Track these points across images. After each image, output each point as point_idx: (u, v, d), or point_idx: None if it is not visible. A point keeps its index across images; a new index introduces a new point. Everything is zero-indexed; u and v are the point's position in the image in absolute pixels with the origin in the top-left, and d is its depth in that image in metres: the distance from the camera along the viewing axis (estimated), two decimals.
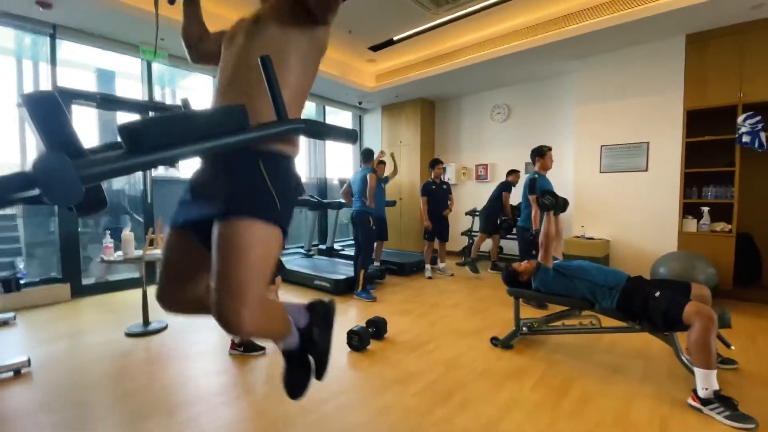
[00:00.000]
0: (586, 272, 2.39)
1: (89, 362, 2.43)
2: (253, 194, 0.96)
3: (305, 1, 1.01)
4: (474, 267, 4.94)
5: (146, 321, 2.98)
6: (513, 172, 5.12)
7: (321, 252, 5.95)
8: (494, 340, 2.68)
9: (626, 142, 4.49)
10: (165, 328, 2.99)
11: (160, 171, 4.88)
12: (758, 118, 3.60)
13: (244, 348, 2.51)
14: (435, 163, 5.02)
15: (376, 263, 4.93)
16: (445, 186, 5.08)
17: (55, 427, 1.74)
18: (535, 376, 2.22)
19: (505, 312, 3.37)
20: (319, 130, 0.98)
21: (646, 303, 2.10)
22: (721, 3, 3.36)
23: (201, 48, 1.33)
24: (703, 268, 3.65)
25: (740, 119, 3.70)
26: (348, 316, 3.37)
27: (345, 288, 4.08)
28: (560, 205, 2.69)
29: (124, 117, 4.58)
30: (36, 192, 0.69)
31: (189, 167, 1.14)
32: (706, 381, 1.84)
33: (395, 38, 4.89)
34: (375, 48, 5.24)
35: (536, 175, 3.51)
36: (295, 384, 1.23)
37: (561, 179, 4.93)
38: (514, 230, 4.37)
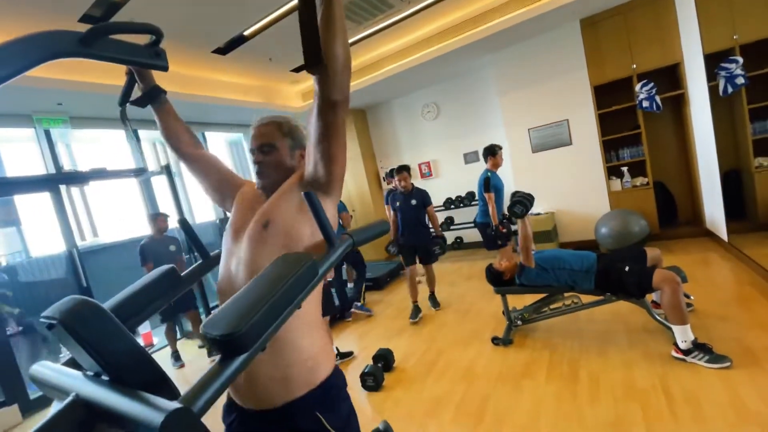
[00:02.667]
0: (563, 261, 2.62)
1: None
2: None
3: (314, 177, 0.94)
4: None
5: None
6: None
7: None
8: (495, 340, 2.83)
9: (549, 122, 4.94)
10: None
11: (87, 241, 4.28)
12: (651, 84, 4.18)
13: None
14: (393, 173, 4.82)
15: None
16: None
17: None
18: (544, 366, 2.40)
19: (490, 306, 3.56)
20: (364, 238, 0.97)
21: (620, 278, 2.38)
22: None
23: (187, 152, 1.21)
24: (636, 220, 4.19)
25: (637, 87, 4.27)
26: (349, 350, 3.31)
27: (332, 320, 4.00)
28: (530, 207, 2.80)
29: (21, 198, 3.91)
30: None
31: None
32: (684, 334, 2.15)
33: None
34: (297, 69, 5.10)
35: (489, 174, 3.72)
36: None
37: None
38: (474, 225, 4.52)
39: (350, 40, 4.47)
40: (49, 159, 3.91)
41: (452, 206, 6.03)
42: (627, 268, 2.37)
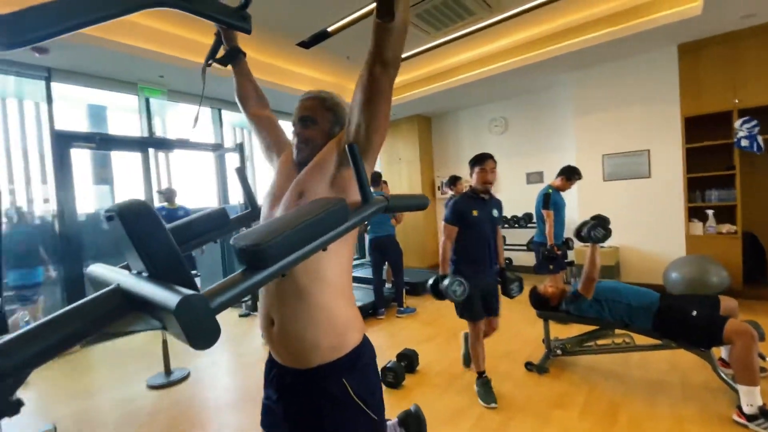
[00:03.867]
0: (620, 294, 2.40)
1: (116, 424, 2.32)
2: (354, 426, 0.92)
3: (355, 137, 0.94)
4: None
5: (168, 370, 2.87)
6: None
7: None
8: (529, 366, 2.66)
9: (627, 150, 4.58)
10: (188, 376, 2.89)
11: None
12: (755, 122, 3.71)
13: None
14: (457, 179, 4.69)
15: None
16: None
17: None
18: (579, 401, 2.21)
19: (529, 329, 3.36)
20: (399, 204, 0.97)
21: (684, 322, 2.12)
22: (711, 16, 3.48)
23: (254, 111, 1.31)
24: (716, 270, 3.71)
25: (737, 124, 3.81)
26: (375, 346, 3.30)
27: (364, 314, 4.03)
28: (610, 234, 2.50)
29: (120, 155, 4.47)
30: (152, 324, 0.65)
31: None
32: (751, 397, 1.86)
33: None
34: None
35: (550, 190, 3.52)
36: None
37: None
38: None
39: (427, 46, 4.53)
40: (146, 125, 4.44)
41: (506, 225, 5.81)
42: (694, 313, 2.11)
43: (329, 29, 4.02)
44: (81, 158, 4.21)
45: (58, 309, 0.63)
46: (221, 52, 1.35)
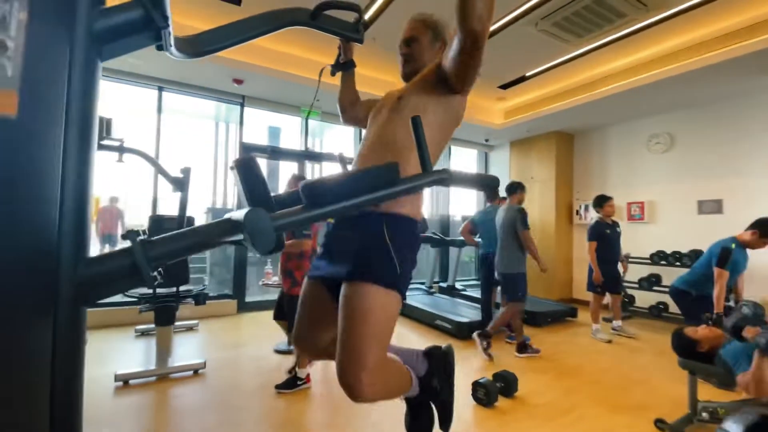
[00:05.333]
0: None
1: (247, 373, 2.86)
2: (377, 260, 1.02)
3: (447, 77, 1.09)
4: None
5: (290, 342, 3.37)
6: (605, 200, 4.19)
7: (442, 290, 5.88)
8: (660, 424, 2.14)
9: None
10: None
11: None
12: None
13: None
14: (604, 200, 4.19)
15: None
16: (618, 228, 4.24)
17: (215, 426, 2.06)
18: None
19: (672, 387, 2.69)
20: (461, 179, 1.00)
21: None
22: None
23: (352, 113, 1.54)
24: None
25: None
26: (472, 365, 3.17)
27: (468, 332, 3.89)
28: None
29: (287, 165, 5.55)
30: (239, 237, 0.87)
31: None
32: None
33: (528, 74, 4.76)
34: (505, 86, 5.19)
35: (733, 245, 2.79)
36: (418, 430, 1.22)
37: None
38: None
39: (568, 57, 4.24)
40: (303, 141, 5.39)
41: (662, 262, 4.78)
42: None
43: None
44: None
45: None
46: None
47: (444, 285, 5.96)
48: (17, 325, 0.61)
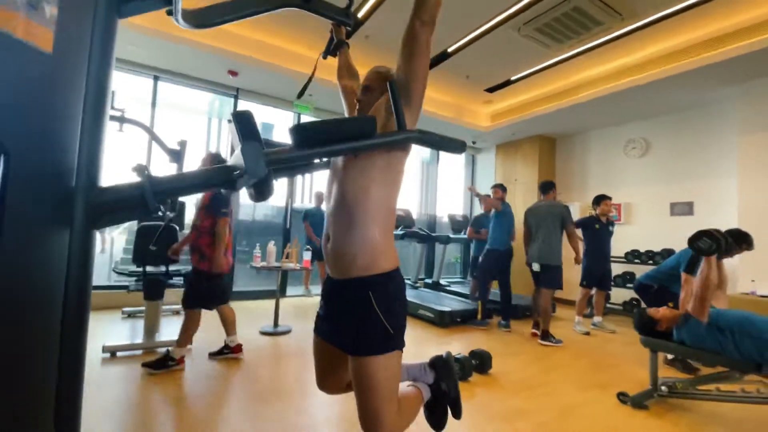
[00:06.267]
0: (751, 326, 1.93)
1: None
2: (371, 331, 1.12)
3: (399, 77, 1.16)
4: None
5: (276, 324, 3.46)
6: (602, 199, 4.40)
7: (427, 285, 6.01)
8: (622, 396, 2.30)
9: None
10: (290, 331, 3.43)
11: (296, 204, 5.75)
12: None
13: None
14: (601, 198, 4.37)
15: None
16: (611, 228, 4.43)
17: (208, 395, 2.15)
18: None
19: (640, 371, 2.86)
20: (431, 140, 1.14)
21: None
22: None
23: (342, 84, 1.67)
24: None
25: None
26: (451, 346, 3.31)
27: (450, 320, 4.04)
28: (726, 246, 2.13)
29: None
30: (236, 173, 0.99)
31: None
32: None
33: (513, 78, 4.97)
34: (491, 90, 5.39)
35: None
36: (436, 422, 1.43)
37: (721, 223, 4.10)
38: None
39: (549, 62, 4.45)
40: None
41: (636, 260, 5.02)
42: None
43: (449, 50, 4.36)
44: None
45: None
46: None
47: (429, 281, 6.10)
48: (41, 233, 0.71)
